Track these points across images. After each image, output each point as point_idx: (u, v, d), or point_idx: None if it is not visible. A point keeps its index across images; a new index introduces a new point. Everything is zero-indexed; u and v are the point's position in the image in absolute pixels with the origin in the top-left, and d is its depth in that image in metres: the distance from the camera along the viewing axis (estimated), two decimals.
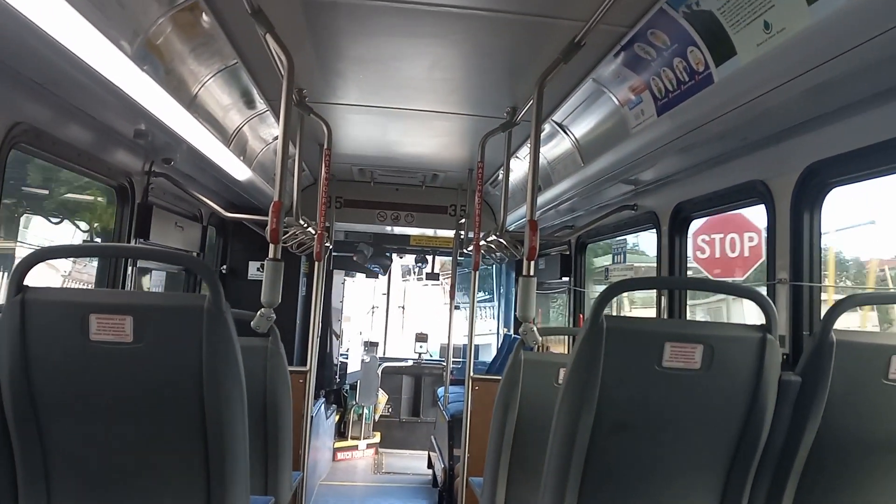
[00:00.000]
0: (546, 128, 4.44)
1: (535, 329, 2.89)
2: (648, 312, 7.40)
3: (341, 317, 8.85)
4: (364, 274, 9.40)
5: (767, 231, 3.11)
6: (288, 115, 2.87)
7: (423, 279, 11.94)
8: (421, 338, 9.48)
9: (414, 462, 8.27)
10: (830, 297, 3.45)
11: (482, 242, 5.00)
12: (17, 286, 1.94)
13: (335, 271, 8.11)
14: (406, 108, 4.39)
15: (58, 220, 4.97)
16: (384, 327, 11.17)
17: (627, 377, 2.04)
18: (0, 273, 4.44)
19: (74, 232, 4.94)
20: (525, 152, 5.13)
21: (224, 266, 6.37)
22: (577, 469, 2.07)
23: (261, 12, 2.69)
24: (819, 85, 2.21)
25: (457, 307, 6.52)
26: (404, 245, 8.32)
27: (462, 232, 6.50)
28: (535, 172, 2.99)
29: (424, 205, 7.05)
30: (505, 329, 8.49)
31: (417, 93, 4.07)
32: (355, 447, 8.41)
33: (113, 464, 2.07)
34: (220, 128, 4.12)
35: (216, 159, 4.17)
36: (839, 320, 2.12)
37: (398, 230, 7.65)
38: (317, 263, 4.66)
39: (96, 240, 5.09)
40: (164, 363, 1.99)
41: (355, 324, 11.00)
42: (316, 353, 4.66)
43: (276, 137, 4.26)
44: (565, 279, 6.03)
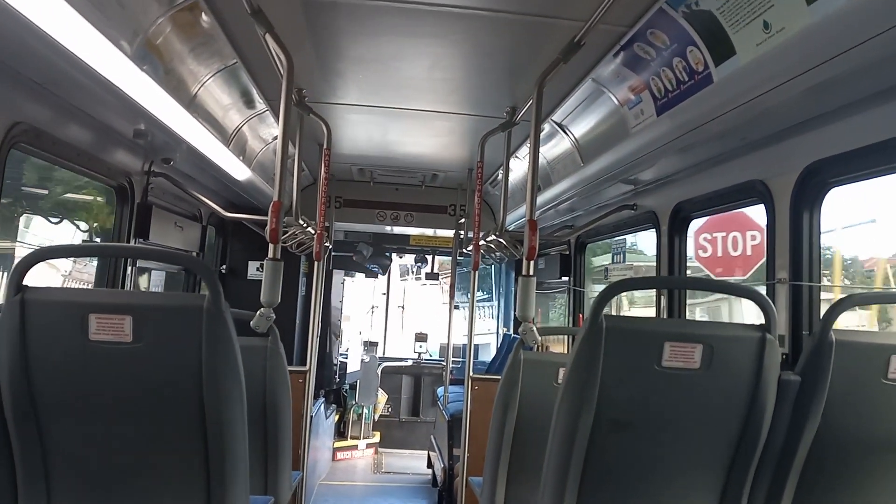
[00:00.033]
0: (546, 127, 4.44)
1: (535, 329, 2.89)
2: (646, 312, 7.41)
3: (341, 316, 8.85)
4: (364, 274, 9.40)
5: (767, 231, 3.12)
6: (287, 115, 2.87)
7: (422, 279, 11.94)
8: (420, 337, 9.47)
9: (413, 462, 8.27)
10: (837, 296, 3.44)
11: (482, 242, 5.00)
12: (17, 286, 1.94)
13: (335, 271, 8.11)
14: (406, 108, 4.39)
15: (57, 220, 4.97)
16: (384, 327, 11.17)
17: (627, 377, 2.04)
18: (0, 273, 4.44)
19: (75, 232, 4.93)
20: (525, 152, 5.12)
21: (223, 266, 6.37)
22: (577, 468, 2.07)
23: (260, 12, 2.69)
24: (818, 84, 2.21)
25: (456, 307, 6.52)
26: (404, 245, 8.32)
27: (462, 232, 6.50)
28: (535, 172, 2.99)
29: (424, 204, 7.04)
30: (504, 329, 8.49)
31: (417, 92, 4.07)
32: (355, 447, 8.41)
33: (112, 463, 2.07)
34: (220, 127, 4.12)
35: (216, 159, 4.17)
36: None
37: (398, 230, 7.65)
38: (316, 263, 4.65)
39: (96, 239, 5.09)
40: (164, 363, 1.99)
41: (355, 323, 11.00)
42: (315, 353, 4.65)
43: (276, 137, 4.26)
44: (565, 279, 6.03)
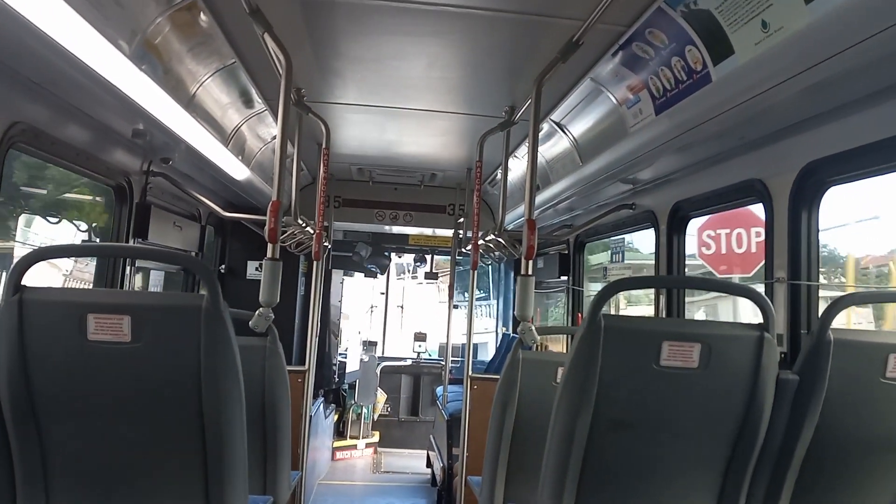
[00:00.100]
0: (544, 127, 4.44)
1: (534, 328, 2.89)
2: (642, 310, 7.40)
3: (340, 316, 8.85)
4: (363, 273, 9.40)
5: (765, 230, 3.12)
6: (286, 115, 2.87)
7: (418, 278, 11.93)
8: (419, 337, 9.47)
9: (413, 461, 8.27)
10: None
11: (480, 242, 5.00)
12: (15, 286, 1.94)
13: (334, 270, 8.10)
14: (404, 108, 4.39)
15: (56, 220, 4.97)
16: (383, 326, 11.17)
17: (625, 376, 2.05)
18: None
19: (76, 233, 4.93)
20: (523, 151, 5.12)
21: (222, 266, 6.36)
22: (576, 467, 2.07)
23: (259, 12, 2.69)
24: (817, 84, 2.21)
25: (455, 306, 6.52)
26: (403, 244, 8.32)
27: (460, 231, 6.50)
28: (534, 172, 2.99)
29: (423, 204, 7.04)
30: (503, 328, 8.49)
31: (416, 92, 4.07)
32: (354, 446, 8.41)
33: (111, 463, 2.07)
34: (219, 127, 4.11)
35: (214, 159, 4.16)
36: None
37: (397, 229, 7.65)
38: (315, 263, 4.65)
39: (95, 239, 5.08)
40: (163, 363, 1.99)
41: (354, 323, 11.00)
42: (314, 353, 4.65)
43: (275, 137, 4.25)
44: (564, 278, 6.03)
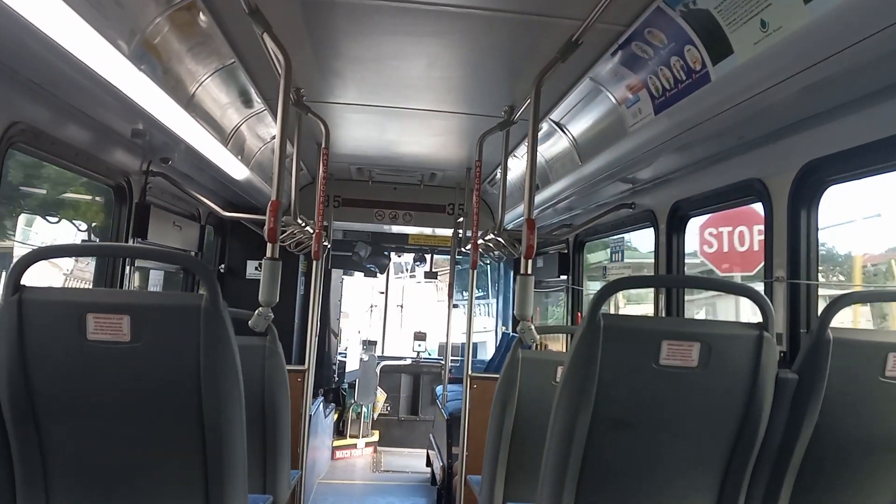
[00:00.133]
0: (544, 126, 4.44)
1: (533, 327, 2.89)
2: (642, 309, 7.40)
3: (340, 315, 8.85)
4: (362, 273, 9.40)
5: (765, 229, 3.12)
6: (286, 115, 2.87)
7: (416, 276, 11.92)
8: (419, 336, 9.47)
9: (412, 460, 8.28)
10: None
11: (480, 241, 5.00)
12: (15, 286, 1.94)
13: (333, 270, 8.11)
14: (404, 108, 4.39)
15: (56, 220, 4.97)
16: (382, 326, 11.17)
17: (625, 375, 2.05)
18: None
19: (75, 233, 4.93)
20: (523, 151, 5.12)
21: (222, 265, 6.36)
22: (575, 467, 2.07)
23: (258, 11, 2.68)
24: (816, 83, 2.21)
25: (455, 306, 6.52)
26: (403, 244, 8.33)
27: (460, 231, 6.50)
28: (533, 171, 2.99)
29: (422, 203, 7.04)
30: (503, 327, 8.50)
31: (415, 92, 4.07)
32: (354, 446, 8.42)
33: (110, 463, 2.07)
34: (218, 127, 4.11)
35: (214, 158, 4.16)
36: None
37: (396, 229, 7.64)
38: (315, 262, 4.65)
39: (94, 239, 5.08)
40: (162, 363, 1.99)
41: (354, 322, 11.01)
42: (314, 352, 4.66)
43: (274, 137, 4.25)
44: (563, 277, 6.04)
